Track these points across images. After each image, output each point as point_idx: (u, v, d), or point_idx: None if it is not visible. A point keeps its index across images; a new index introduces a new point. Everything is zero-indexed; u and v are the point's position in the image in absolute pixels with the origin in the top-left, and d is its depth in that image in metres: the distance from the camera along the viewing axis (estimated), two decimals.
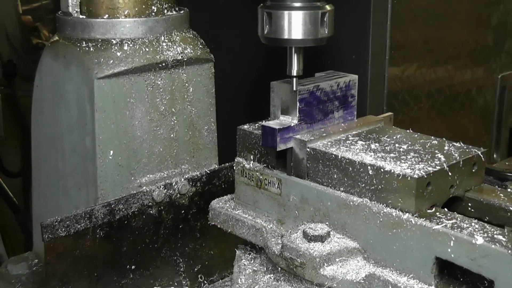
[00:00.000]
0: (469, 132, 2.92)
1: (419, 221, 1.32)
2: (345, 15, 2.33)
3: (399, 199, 1.36)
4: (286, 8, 1.52)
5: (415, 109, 2.65)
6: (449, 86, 2.78)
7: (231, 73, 2.32)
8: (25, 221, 3.47)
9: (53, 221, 1.72)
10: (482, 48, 2.89)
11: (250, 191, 1.65)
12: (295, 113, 1.57)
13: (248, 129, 1.65)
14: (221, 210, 1.70)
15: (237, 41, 2.76)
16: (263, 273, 1.60)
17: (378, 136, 1.60)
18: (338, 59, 2.49)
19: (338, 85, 1.66)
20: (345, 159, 1.45)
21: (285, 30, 1.52)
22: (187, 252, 2.02)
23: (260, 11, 1.56)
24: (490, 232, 1.26)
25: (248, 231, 1.62)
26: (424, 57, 2.62)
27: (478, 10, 2.82)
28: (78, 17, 1.92)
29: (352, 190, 1.45)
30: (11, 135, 3.85)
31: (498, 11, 2.92)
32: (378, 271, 1.37)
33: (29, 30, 4.34)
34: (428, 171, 1.36)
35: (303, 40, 1.54)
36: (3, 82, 3.96)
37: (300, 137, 1.54)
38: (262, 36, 1.57)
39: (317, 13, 1.52)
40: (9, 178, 3.86)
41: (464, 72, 2.83)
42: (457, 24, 2.74)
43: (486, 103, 2.99)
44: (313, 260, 1.39)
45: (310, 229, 1.45)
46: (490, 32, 2.90)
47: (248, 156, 1.64)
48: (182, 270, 2.03)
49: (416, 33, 2.55)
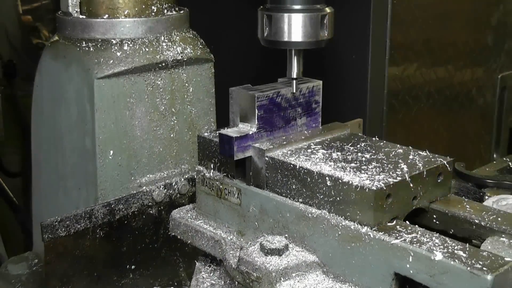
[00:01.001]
0: (469, 132, 2.93)
1: (378, 235, 1.26)
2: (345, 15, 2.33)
3: (358, 211, 1.30)
4: (286, 10, 1.50)
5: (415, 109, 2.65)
6: (449, 86, 2.78)
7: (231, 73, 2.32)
8: (25, 221, 3.47)
9: (53, 221, 1.72)
10: (482, 48, 2.89)
11: (211, 201, 1.60)
12: (254, 121, 1.50)
13: (208, 137, 1.57)
14: (181, 221, 1.64)
15: (237, 41, 2.77)
16: (221, 286, 1.56)
17: (342, 144, 1.54)
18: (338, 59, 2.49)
19: (301, 91, 1.59)
20: (303, 169, 1.39)
21: (285, 32, 1.50)
22: (187, 252, 2.02)
23: (260, 13, 1.54)
24: (450, 247, 1.20)
25: (207, 243, 1.56)
26: (424, 57, 2.62)
27: (478, 10, 2.83)
28: (78, 17, 1.92)
29: (311, 201, 1.39)
30: (11, 135, 3.85)
31: (498, 11, 2.92)
32: (337, 286, 1.33)
33: (29, 30, 4.35)
34: (387, 183, 1.30)
35: (303, 43, 1.51)
36: (3, 82, 3.95)
37: (259, 146, 1.48)
38: (262, 38, 1.56)
39: (317, 15, 1.50)
40: (9, 178, 3.86)
41: (464, 72, 2.83)
42: (457, 24, 2.75)
43: (486, 103, 2.99)
44: (269, 274, 1.32)
45: (267, 242, 1.38)
46: (490, 32, 2.91)
47: (209, 165, 1.58)
48: (182, 270, 2.03)
49: (416, 33, 2.56)
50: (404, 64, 2.54)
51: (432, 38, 2.63)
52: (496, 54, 2.97)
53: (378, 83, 2.47)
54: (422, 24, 2.56)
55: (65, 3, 1.93)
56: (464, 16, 2.76)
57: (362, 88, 2.45)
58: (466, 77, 2.85)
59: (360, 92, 2.46)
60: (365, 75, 2.44)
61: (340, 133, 1.62)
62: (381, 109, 2.50)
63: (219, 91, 2.06)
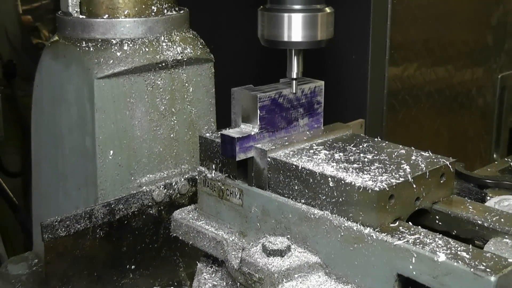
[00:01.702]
0: (469, 132, 2.93)
1: (381, 236, 1.25)
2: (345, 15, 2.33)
3: (360, 212, 1.29)
4: (286, 10, 1.49)
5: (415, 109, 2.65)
6: (449, 86, 2.78)
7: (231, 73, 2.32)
8: (25, 221, 3.47)
9: (53, 221, 1.72)
10: (482, 48, 2.89)
11: (213, 202, 1.59)
12: (256, 121, 1.49)
13: (210, 138, 1.57)
14: (182, 221, 1.63)
15: (237, 41, 2.77)
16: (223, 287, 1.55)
17: (344, 145, 1.53)
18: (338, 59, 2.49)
19: (303, 92, 1.59)
20: (305, 170, 1.38)
21: (284, 32, 1.50)
22: (187, 252, 2.02)
23: (260, 13, 1.53)
24: (454, 248, 1.20)
25: (209, 244, 1.55)
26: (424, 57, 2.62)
27: (478, 10, 2.83)
28: (78, 17, 1.92)
29: (313, 202, 1.38)
30: (11, 135, 3.85)
31: (498, 11, 2.93)
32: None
33: (29, 30, 4.35)
34: (390, 184, 1.29)
35: (303, 43, 1.51)
36: (3, 82, 3.95)
37: (261, 146, 1.47)
38: (261, 38, 1.55)
39: (316, 15, 1.50)
40: (9, 178, 3.86)
41: (464, 72, 2.83)
42: (457, 24, 2.75)
43: (486, 103, 2.99)
44: (271, 275, 1.32)
45: (270, 243, 1.38)
46: (490, 32, 2.91)
47: (210, 166, 1.58)
48: (182, 270, 2.03)
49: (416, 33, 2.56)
50: (404, 64, 2.54)
51: (432, 38, 2.63)
52: (496, 54, 2.97)
53: (378, 83, 2.47)
54: (422, 24, 2.56)
55: (65, 3, 1.93)
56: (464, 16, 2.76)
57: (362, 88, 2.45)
58: (466, 77, 2.85)
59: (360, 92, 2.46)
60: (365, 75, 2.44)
61: (342, 134, 1.61)
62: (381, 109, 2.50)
63: (219, 91, 2.06)
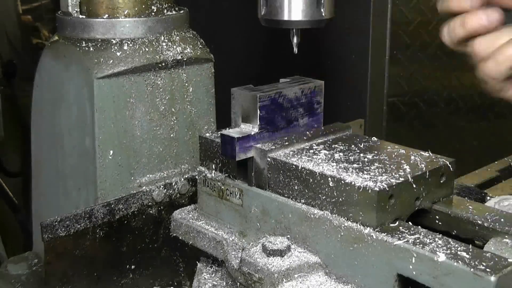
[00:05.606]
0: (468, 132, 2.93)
1: (380, 236, 1.25)
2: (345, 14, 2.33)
3: (360, 212, 1.30)
4: None
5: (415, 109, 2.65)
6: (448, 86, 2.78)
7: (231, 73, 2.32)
8: (25, 221, 3.47)
9: (53, 221, 1.72)
10: None
11: (213, 202, 1.59)
12: (255, 121, 1.50)
13: (210, 137, 1.58)
14: (182, 221, 1.64)
15: (237, 41, 2.77)
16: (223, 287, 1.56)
17: (344, 145, 1.53)
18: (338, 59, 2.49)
19: (303, 92, 1.58)
20: (305, 170, 1.39)
21: (284, 11, 1.49)
22: (187, 252, 2.02)
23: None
24: (454, 248, 1.20)
25: (209, 244, 1.55)
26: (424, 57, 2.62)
27: None
28: (78, 17, 1.92)
29: (313, 202, 1.38)
30: (11, 135, 3.84)
31: None
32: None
33: (29, 30, 4.34)
34: (390, 183, 1.29)
35: (303, 22, 1.50)
36: (3, 82, 3.95)
37: (261, 146, 1.48)
38: (261, 18, 1.54)
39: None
40: (9, 178, 3.86)
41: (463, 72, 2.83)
42: None
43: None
44: (271, 275, 1.32)
45: (269, 242, 1.38)
46: None
47: (210, 165, 1.58)
48: (182, 270, 2.03)
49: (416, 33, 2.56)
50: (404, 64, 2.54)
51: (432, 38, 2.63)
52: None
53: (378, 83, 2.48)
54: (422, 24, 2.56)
55: (65, 3, 1.93)
56: None
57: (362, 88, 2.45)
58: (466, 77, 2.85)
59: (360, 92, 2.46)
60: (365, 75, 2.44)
61: (342, 134, 1.61)
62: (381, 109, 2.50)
63: (219, 91, 2.07)
